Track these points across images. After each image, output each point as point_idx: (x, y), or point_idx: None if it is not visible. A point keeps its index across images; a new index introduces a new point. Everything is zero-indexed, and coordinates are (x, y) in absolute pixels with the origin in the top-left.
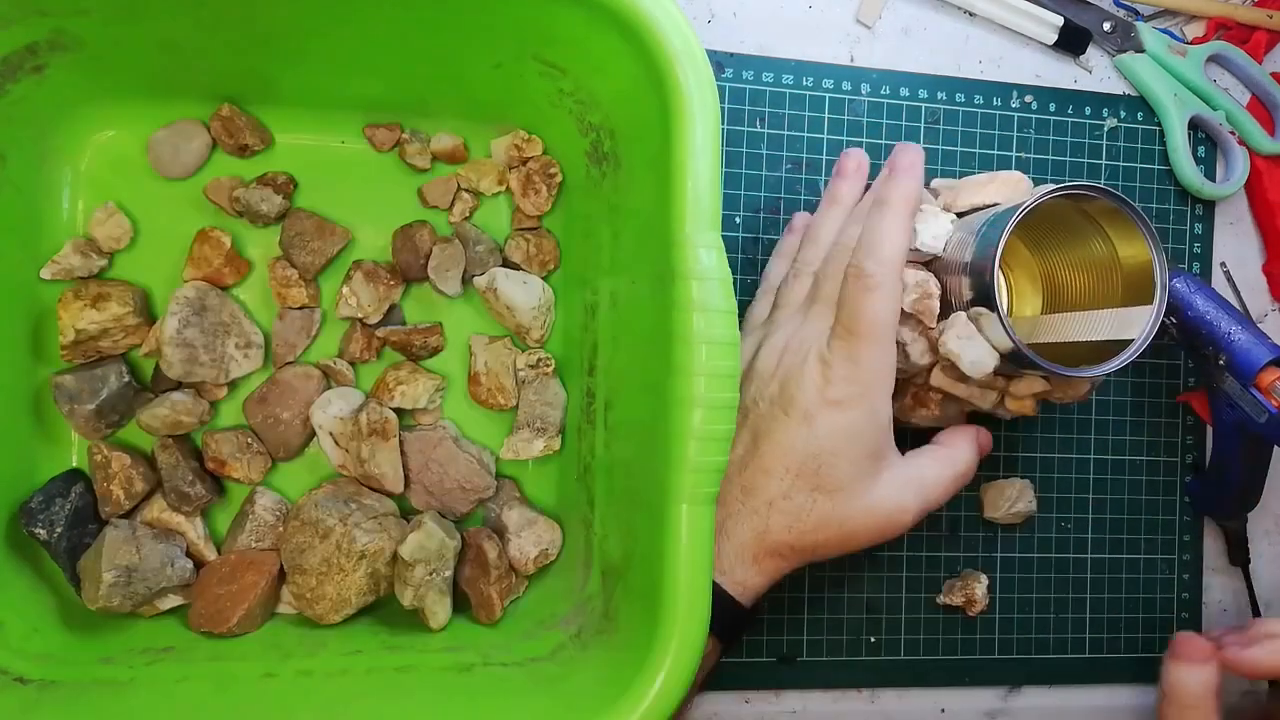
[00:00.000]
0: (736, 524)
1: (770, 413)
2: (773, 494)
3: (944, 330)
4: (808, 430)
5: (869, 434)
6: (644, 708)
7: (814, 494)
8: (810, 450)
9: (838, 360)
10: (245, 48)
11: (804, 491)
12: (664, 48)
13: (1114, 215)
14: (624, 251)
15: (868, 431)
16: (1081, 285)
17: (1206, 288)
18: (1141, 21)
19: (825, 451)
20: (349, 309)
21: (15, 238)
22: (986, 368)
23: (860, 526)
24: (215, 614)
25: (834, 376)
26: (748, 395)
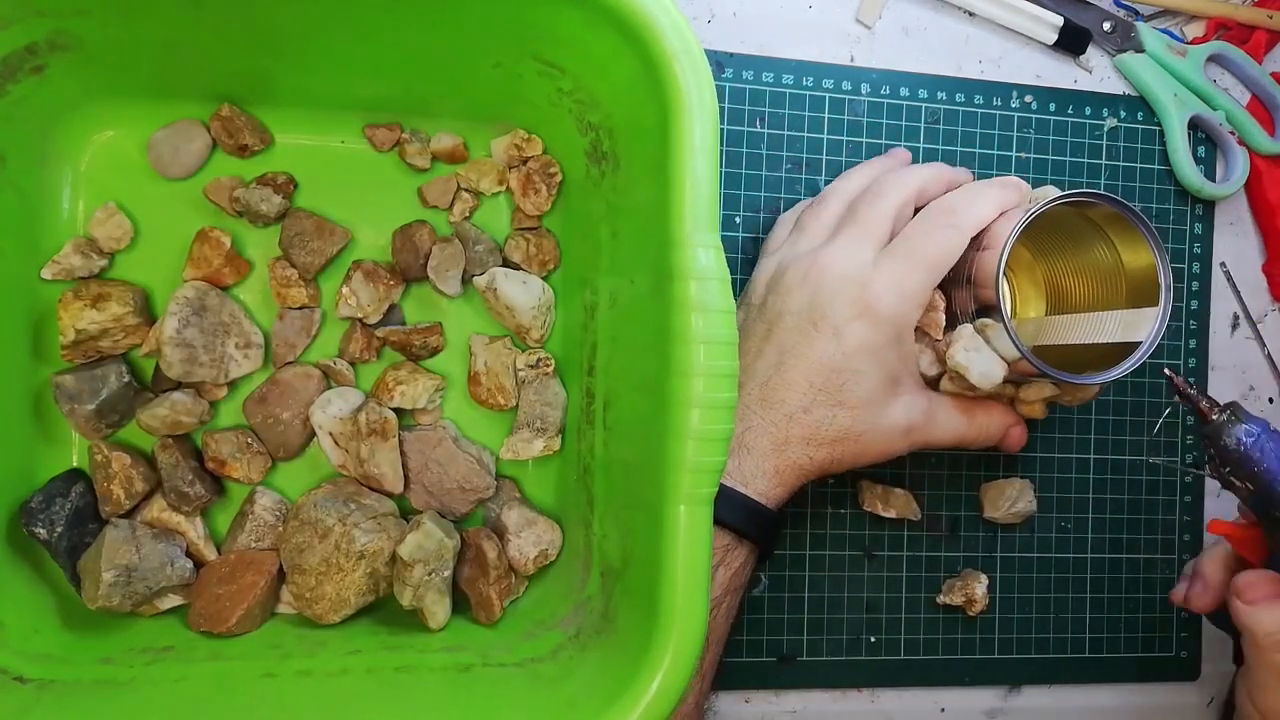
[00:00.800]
0: (756, 436)
1: (798, 326)
2: (793, 407)
3: (951, 343)
4: (836, 345)
5: (893, 358)
6: (642, 708)
7: (834, 409)
8: (836, 365)
9: (882, 276)
10: (245, 48)
11: (825, 406)
12: (663, 47)
13: (1117, 220)
14: (624, 251)
15: (893, 355)
16: (1085, 289)
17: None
18: (1141, 21)
19: (850, 368)
20: (349, 309)
21: (15, 238)
22: (995, 379)
23: (872, 443)
24: (215, 614)
25: (874, 292)
26: (771, 309)
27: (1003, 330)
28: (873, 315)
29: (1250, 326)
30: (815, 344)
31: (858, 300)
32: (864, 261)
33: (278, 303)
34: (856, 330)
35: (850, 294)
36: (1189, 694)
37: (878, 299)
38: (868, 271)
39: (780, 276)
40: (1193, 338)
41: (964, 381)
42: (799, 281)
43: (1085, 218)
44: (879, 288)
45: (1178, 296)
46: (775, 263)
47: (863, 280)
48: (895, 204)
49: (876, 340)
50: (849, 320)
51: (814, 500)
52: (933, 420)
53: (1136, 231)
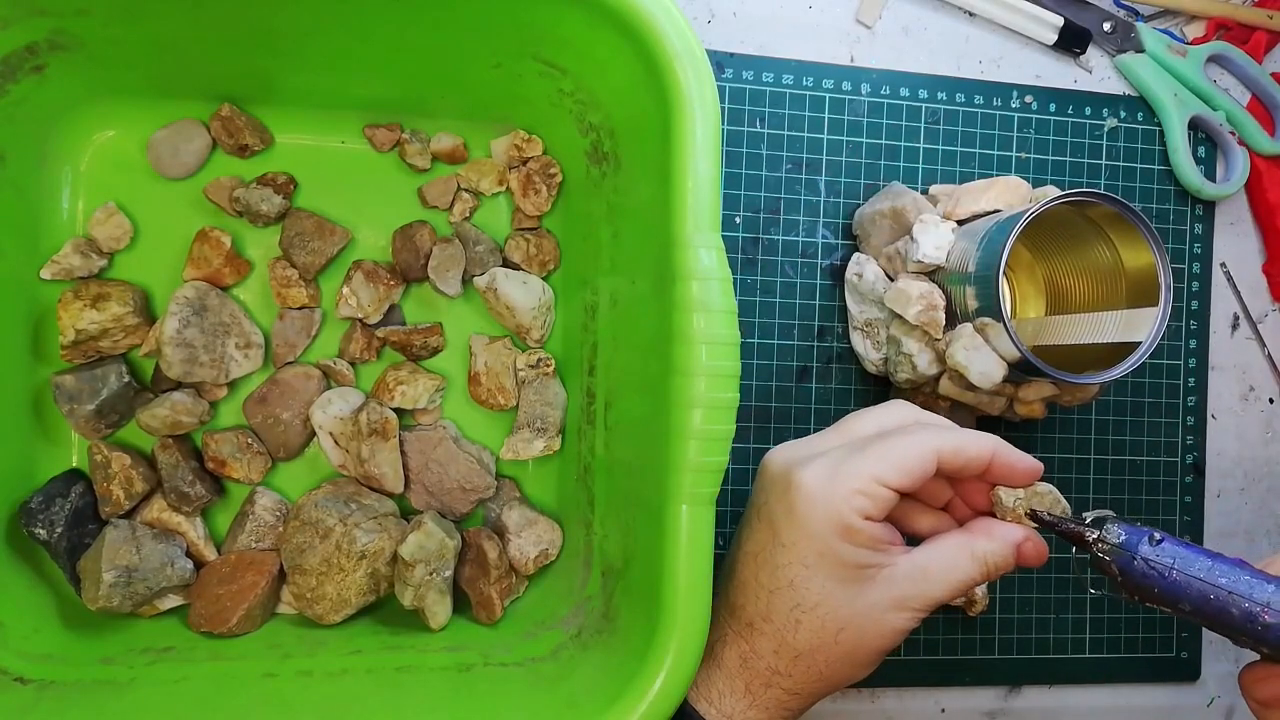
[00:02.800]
0: (725, 648)
1: (747, 519)
2: (751, 614)
3: (951, 342)
4: (773, 539)
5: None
6: (643, 707)
7: (794, 611)
8: (777, 561)
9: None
10: (245, 48)
11: (784, 610)
12: (664, 48)
13: (1116, 220)
14: (624, 251)
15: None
16: (1085, 289)
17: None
18: (1141, 21)
19: (795, 562)
20: (349, 309)
21: (15, 238)
22: (995, 378)
23: (859, 638)
24: (215, 614)
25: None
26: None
27: (1003, 330)
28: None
29: (1250, 326)
30: (757, 537)
31: (787, 490)
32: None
33: (278, 303)
34: (790, 524)
35: (781, 482)
36: (1189, 694)
37: (802, 486)
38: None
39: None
40: (1193, 338)
41: (964, 381)
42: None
43: (1085, 218)
44: (807, 476)
45: (1178, 296)
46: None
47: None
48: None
49: (812, 534)
50: (783, 513)
51: None
52: (926, 578)
53: (1136, 231)
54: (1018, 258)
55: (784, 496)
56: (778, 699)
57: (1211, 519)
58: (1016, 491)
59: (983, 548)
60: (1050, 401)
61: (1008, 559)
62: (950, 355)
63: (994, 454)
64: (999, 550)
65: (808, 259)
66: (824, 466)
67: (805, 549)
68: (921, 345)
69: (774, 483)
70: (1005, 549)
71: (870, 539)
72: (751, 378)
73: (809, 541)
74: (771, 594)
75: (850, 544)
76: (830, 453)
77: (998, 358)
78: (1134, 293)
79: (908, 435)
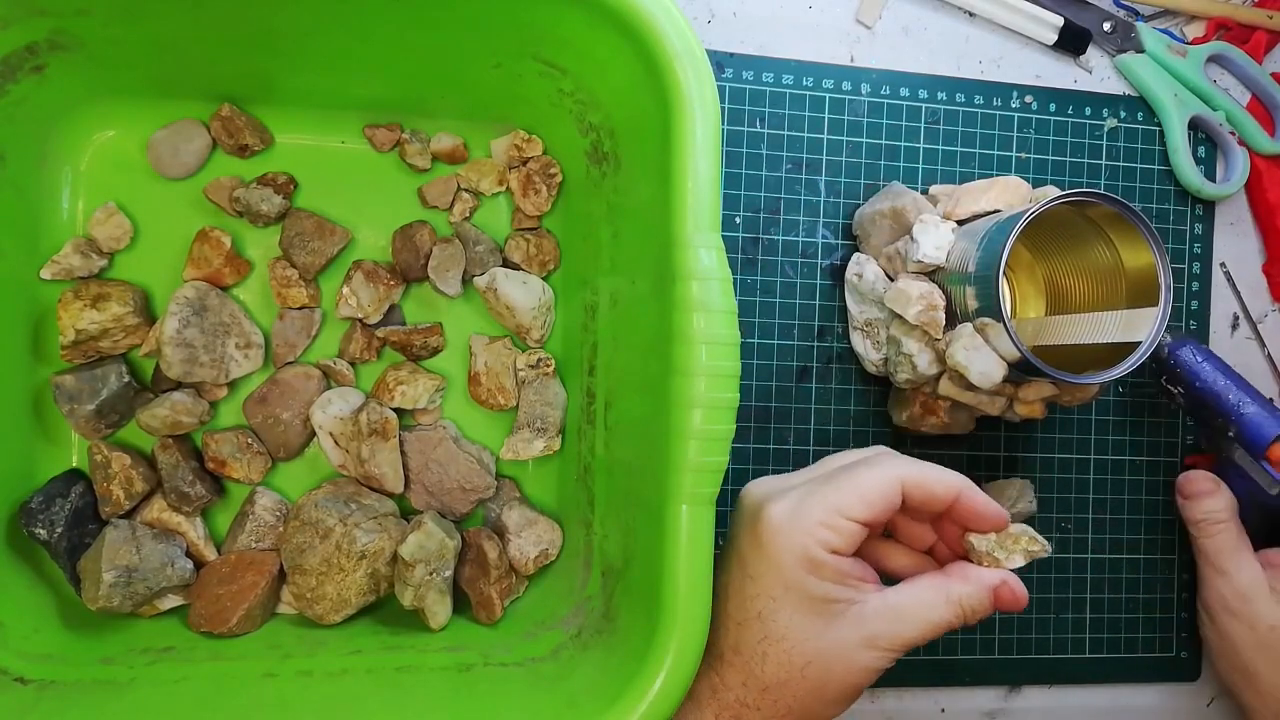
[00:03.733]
0: (697, 681)
1: (721, 553)
2: (722, 646)
3: (951, 342)
4: (741, 571)
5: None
6: (643, 707)
7: (761, 644)
8: (747, 593)
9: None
10: (245, 48)
11: (752, 641)
12: (664, 48)
13: (1116, 220)
14: (624, 251)
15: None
16: (1085, 289)
17: (1214, 357)
18: (1141, 22)
19: (762, 594)
20: (349, 309)
21: (15, 238)
22: (995, 378)
23: (825, 673)
24: (215, 614)
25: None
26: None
27: (1003, 330)
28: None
29: (1250, 326)
30: (728, 570)
31: (755, 523)
32: (784, 486)
33: (278, 303)
34: (756, 558)
35: (750, 515)
36: (1189, 694)
37: (769, 519)
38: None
39: None
40: (1193, 338)
41: (964, 381)
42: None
43: (1085, 218)
44: (774, 509)
45: (1178, 296)
46: None
47: (764, 506)
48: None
49: (779, 568)
50: (751, 545)
51: None
52: (899, 617)
53: (1136, 231)
54: (1018, 258)
55: (752, 529)
56: None
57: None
58: (989, 536)
59: (958, 590)
60: (1050, 401)
61: (984, 603)
62: (950, 355)
63: (960, 493)
64: (975, 594)
65: (808, 259)
66: (790, 500)
67: (772, 581)
68: (921, 345)
69: (745, 516)
70: (981, 592)
71: (836, 573)
72: (751, 378)
73: (775, 574)
74: (740, 625)
75: (816, 577)
76: (799, 487)
77: (998, 358)
78: (1134, 293)
79: (871, 466)
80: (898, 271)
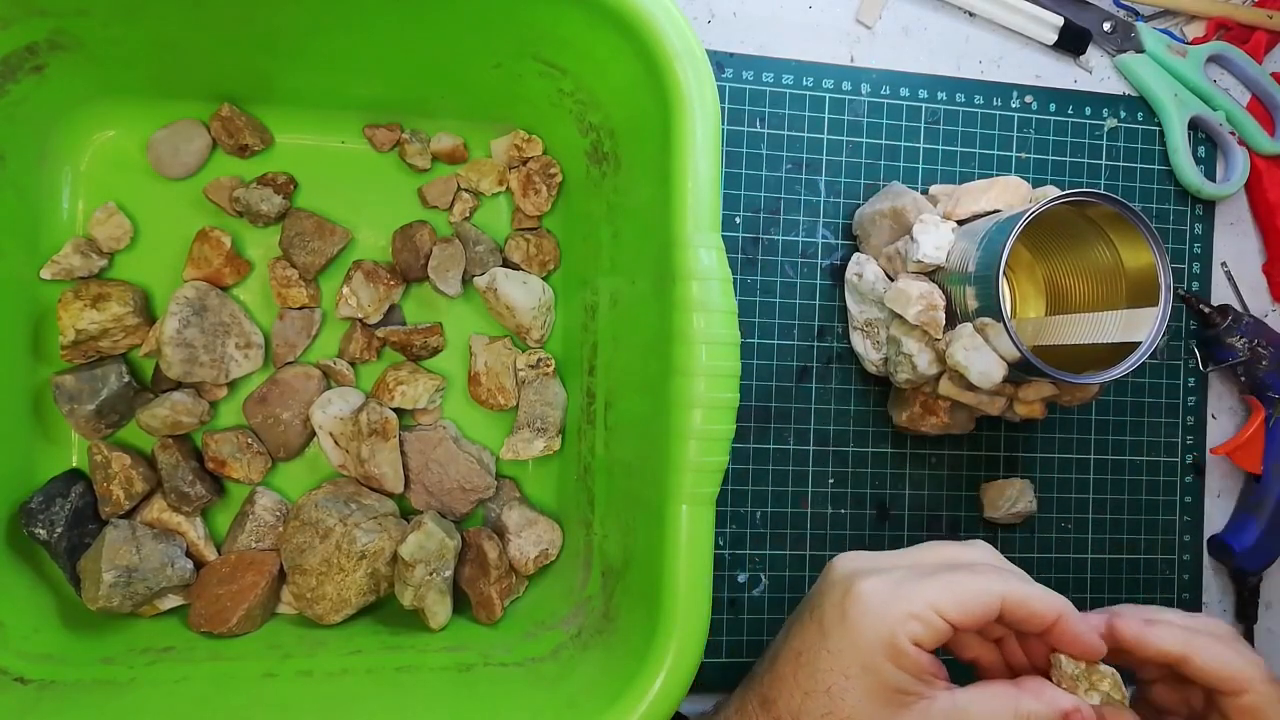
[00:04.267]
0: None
1: (796, 618)
2: (782, 710)
3: (951, 342)
4: (821, 640)
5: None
6: (644, 707)
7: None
8: (819, 664)
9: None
10: (245, 48)
11: (816, 714)
12: (664, 48)
13: (1117, 220)
14: (624, 251)
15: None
16: (1085, 289)
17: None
18: (1141, 22)
19: (835, 669)
20: (349, 309)
21: (15, 238)
22: (995, 378)
23: None
24: (215, 614)
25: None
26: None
27: (1003, 330)
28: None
29: None
30: (805, 636)
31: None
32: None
33: (278, 303)
34: (840, 631)
35: (841, 587)
36: None
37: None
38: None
39: None
40: (1193, 338)
41: (964, 381)
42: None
43: (1085, 218)
44: (867, 587)
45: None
46: None
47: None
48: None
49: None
50: (837, 618)
51: (814, 500)
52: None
53: (1136, 231)
54: (1018, 258)
55: (840, 602)
56: None
57: (1212, 519)
58: (1078, 662)
59: (1028, 707)
60: (1050, 401)
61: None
62: (950, 355)
63: (1060, 617)
64: (1045, 715)
65: (808, 259)
66: (886, 582)
67: (850, 659)
68: (921, 345)
69: (834, 586)
70: (1052, 716)
71: (916, 666)
72: (751, 378)
73: (855, 652)
74: (806, 695)
75: (895, 665)
76: (897, 570)
77: (998, 358)
78: (1134, 293)
79: (977, 574)
80: (898, 271)
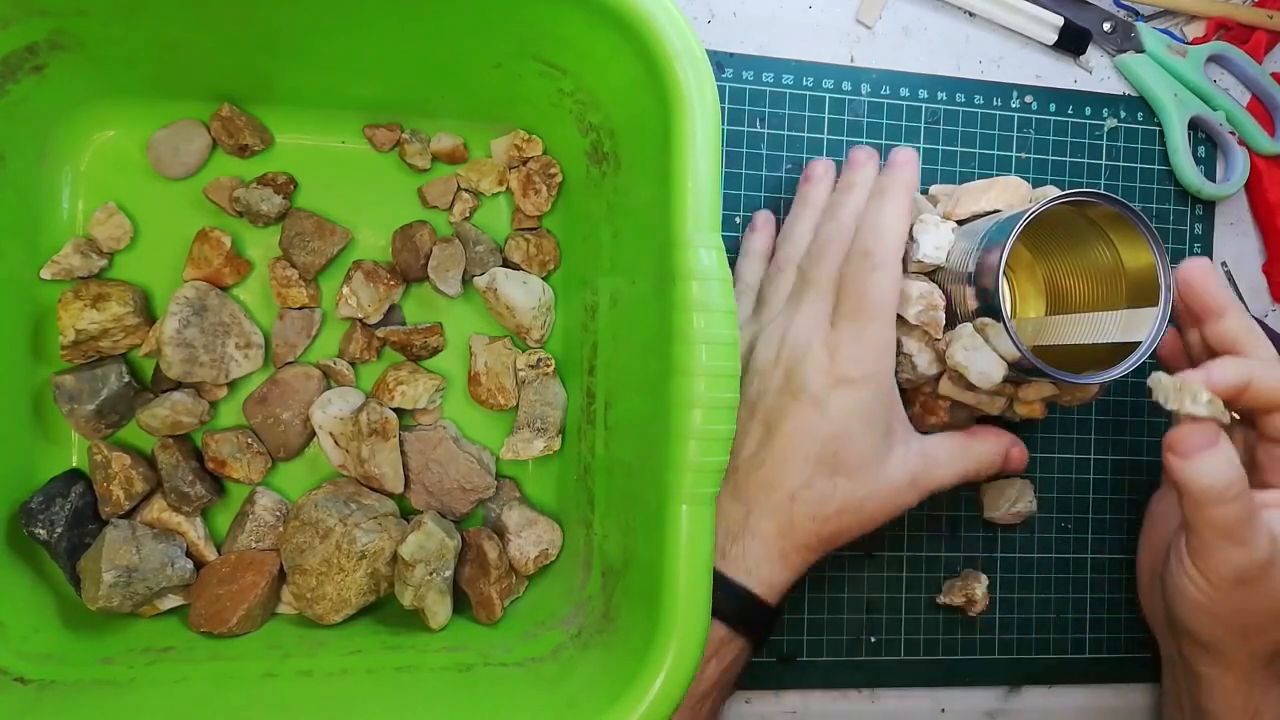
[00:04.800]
0: (760, 520)
1: (779, 403)
2: (793, 485)
3: (950, 342)
4: (820, 414)
5: (880, 411)
6: (644, 707)
7: (834, 478)
8: (825, 433)
9: (844, 340)
10: (245, 48)
11: (824, 478)
12: (664, 47)
13: (1116, 220)
14: (624, 251)
15: (878, 408)
16: (1085, 289)
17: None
18: (1141, 22)
19: (840, 434)
20: (349, 309)
21: (15, 238)
22: (995, 378)
23: (878, 506)
24: (215, 614)
25: (841, 357)
26: (751, 390)
27: (1003, 330)
28: (848, 379)
29: None
30: (800, 416)
31: (830, 370)
32: (825, 326)
33: (278, 303)
34: (837, 397)
35: (821, 364)
36: None
37: (849, 361)
38: (832, 336)
39: (754, 356)
40: None
41: (964, 381)
42: (772, 359)
43: (1085, 218)
44: (845, 350)
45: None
46: (745, 342)
47: (830, 345)
48: (839, 257)
49: (860, 400)
50: (828, 389)
51: None
52: (933, 463)
53: (1136, 231)
54: (1018, 258)
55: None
56: (803, 558)
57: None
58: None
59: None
60: (1050, 401)
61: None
62: (950, 355)
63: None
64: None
65: None
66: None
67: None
68: (921, 345)
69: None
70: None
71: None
72: None
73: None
74: (815, 464)
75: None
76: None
77: (997, 358)
78: (1134, 293)
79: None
80: None
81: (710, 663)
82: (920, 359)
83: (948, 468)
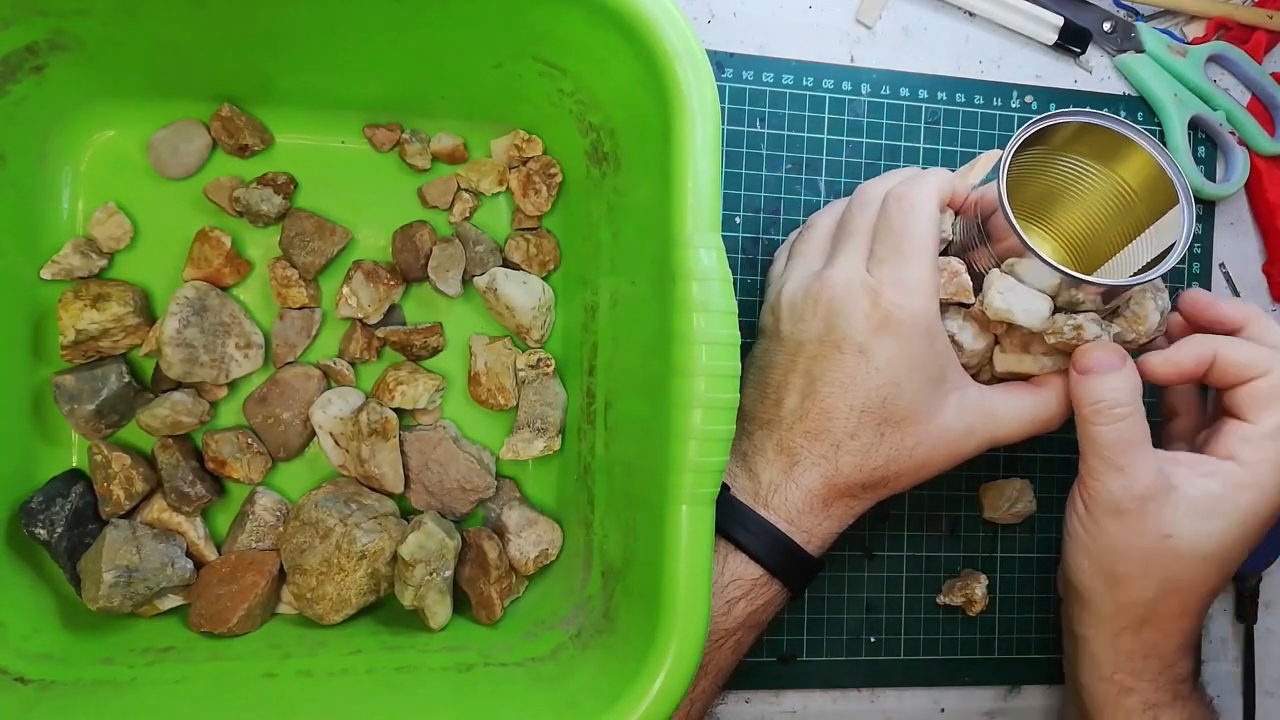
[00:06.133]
0: (805, 471)
1: (821, 352)
2: (839, 435)
3: (985, 297)
4: (865, 363)
5: (928, 357)
6: (643, 707)
7: (881, 428)
8: (872, 384)
9: (885, 282)
10: (245, 48)
11: (870, 427)
12: (664, 47)
13: (1104, 144)
14: (624, 251)
15: (927, 354)
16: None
17: None
18: (1141, 21)
19: (887, 382)
20: (349, 309)
21: (15, 238)
22: (1042, 312)
23: (931, 453)
24: (215, 614)
25: (884, 300)
26: (790, 339)
27: (1031, 256)
28: (892, 322)
29: None
30: (844, 366)
31: (871, 313)
32: (864, 271)
33: (278, 303)
34: (881, 343)
35: (863, 308)
36: None
37: (891, 304)
38: (871, 281)
39: (791, 305)
40: None
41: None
42: (811, 307)
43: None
44: (887, 293)
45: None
46: (781, 292)
47: (870, 290)
48: (875, 209)
49: (905, 347)
50: (870, 335)
51: None
52: (993, 417)
53: (1126, 143)
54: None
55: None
56: (847, 507)
57: None
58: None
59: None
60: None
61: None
62: (989, 306)
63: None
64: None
65: None
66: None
67: (900, 364)
68: (961, 321)
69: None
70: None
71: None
72: None
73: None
74: (861, 413)
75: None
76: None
77: (1036, 291)
78: (1151, 205)
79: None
80: None
81: (739, 603)
82: (964, 335)
83: (1011, 424)
